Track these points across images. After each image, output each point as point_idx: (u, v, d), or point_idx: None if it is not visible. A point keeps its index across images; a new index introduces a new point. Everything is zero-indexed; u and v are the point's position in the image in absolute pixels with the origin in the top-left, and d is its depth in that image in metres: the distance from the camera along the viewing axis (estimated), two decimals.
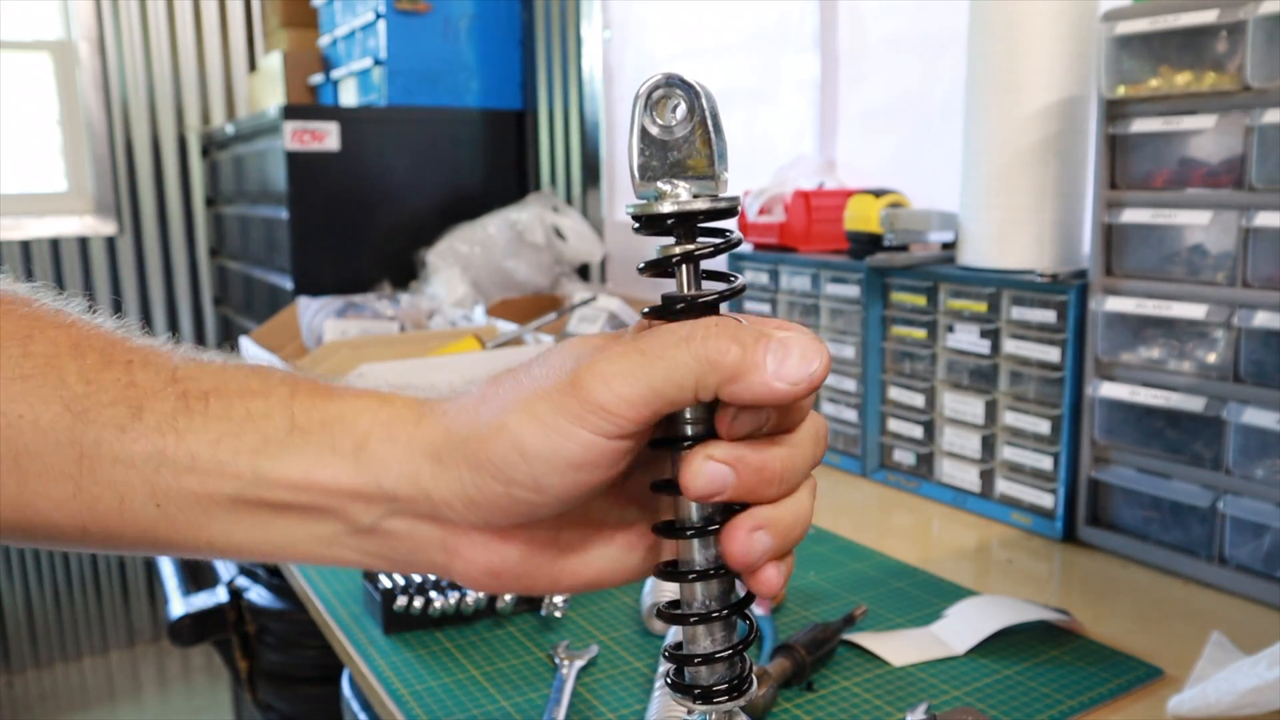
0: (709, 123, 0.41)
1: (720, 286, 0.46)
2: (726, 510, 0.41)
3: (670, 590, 0.88)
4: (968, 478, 1.19)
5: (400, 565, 0.43)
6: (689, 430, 0.40)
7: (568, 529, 0.43)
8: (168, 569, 1.68)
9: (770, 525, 0.39)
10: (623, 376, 0.36)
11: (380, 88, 2.41)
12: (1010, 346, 1.12)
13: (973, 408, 1.17)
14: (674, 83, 0.41)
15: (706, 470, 0.38)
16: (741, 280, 0.46)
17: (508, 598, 0.89)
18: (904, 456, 1.28)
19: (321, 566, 0.37)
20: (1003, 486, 1.15)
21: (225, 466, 0.40)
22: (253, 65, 3.20)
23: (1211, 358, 0.95)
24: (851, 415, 1.34)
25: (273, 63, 2.77)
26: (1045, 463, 1.10)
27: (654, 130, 0.42)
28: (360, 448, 0.40)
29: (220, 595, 1.55)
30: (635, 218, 0.43)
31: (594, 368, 0.37)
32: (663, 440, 0.41)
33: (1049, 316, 1.07)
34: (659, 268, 0.44)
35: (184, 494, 0.40)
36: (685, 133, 0.42)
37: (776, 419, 0.38)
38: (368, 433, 0.41)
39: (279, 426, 0.41)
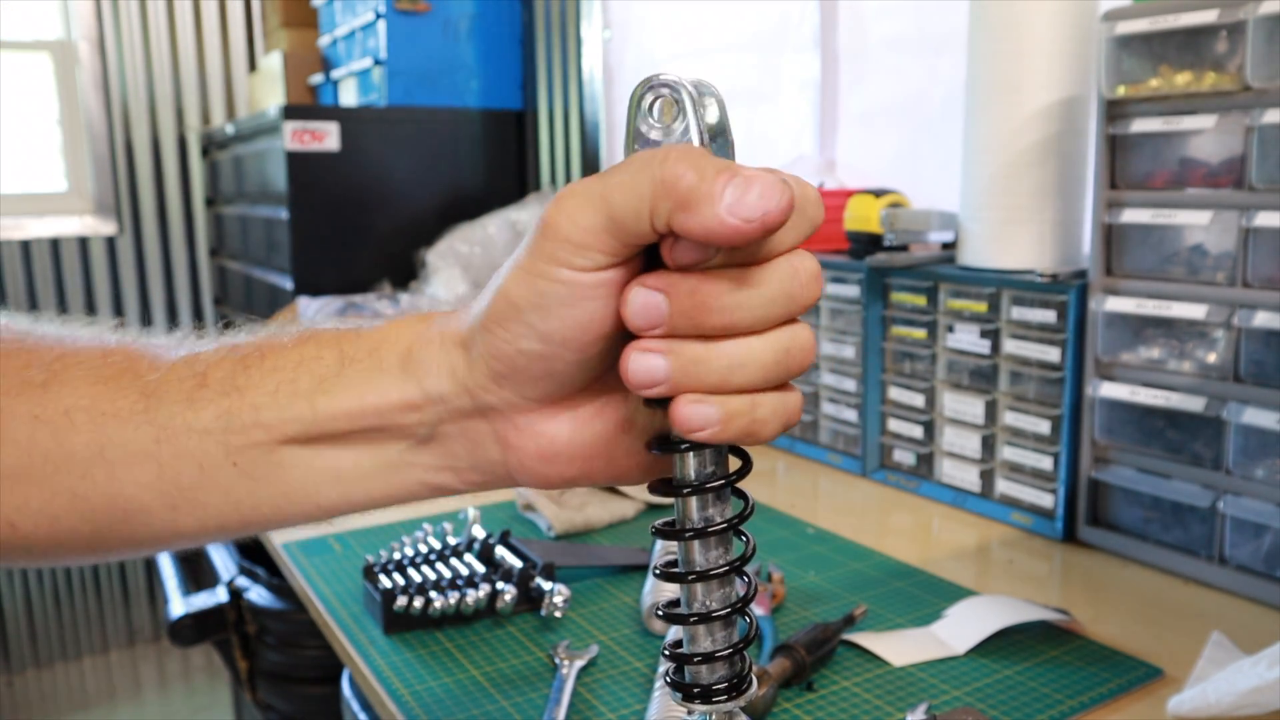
0: (708, 124, 0.41)
1: None
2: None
3: (670, 590, 0.88)
4: (968, 478, 1.19)
5: (465, 475, 0.44)
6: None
7: (611, 408, 0.42)
8: (168, 569, 1.68)
9: (698, 362, 0.36)
10: (582, 206, 0.36)
11: (380, 88, 2.41)
12: (1010, 346, 1.12)
13: (973, 408, 1.17)
14: (674, 83, 0.41)
15: (637, 298, 0.36)
16: None
17: (508, 598, 0.89)
18: (904, 456, 1.28)
19: (409, 503, 0.39)
20: (1003, 486, 1.15)
21: (286, 411, 0.42)
22: (253, 65, 3.20)
23: (1211, 358, 0.95)
24: (851, 415, 1.34)
25: (273, 63, 2.77)
26: (1045, 463, 1.10)
27: (653, 131, 0.42)
28: (405, 361, 0.42)
29: (220, 595, 1.55)
30: None
31: (559, 203, 0.37)
32: (662, 442, 0.41)
33: (1049, 316, 1.07)
34: None
35: (256, 447, 0.42)
36: (680, 135, 0.42)
37: (726, 255, 0.36)
38: (410, 345, 0.42)
39: (330, 364, 0.43)
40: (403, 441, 0.43)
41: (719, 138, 0.40)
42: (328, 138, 2.26)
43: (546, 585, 0.90)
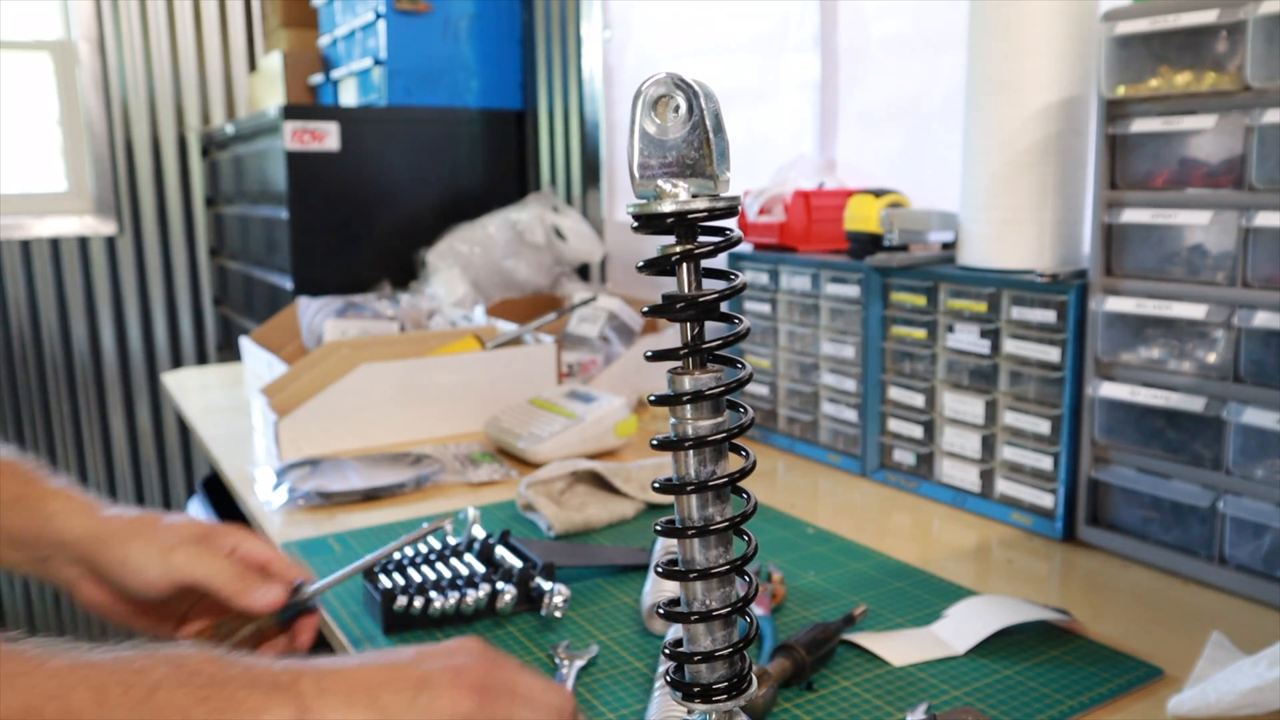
0: (709, 123, 0.41)
1: (720, 285, 0.46)
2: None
3: (670, 589, 0.88)
4: (968, 478, 1.19)
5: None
6: None
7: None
8: None
9: None
10: None
11: (380, 88, 2.41)
12: (1010, 346, 1.12)
13: (973, 408, 1.17)
14: (674, 83, 0.41)
15: None
16: (741, 279, 0.46)
17: (508, 598, 0.89)
18: (904, 456, 1.28)
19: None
20: (1003, 486, 1.15)
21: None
22: (253, 65, 3.20)
23: (1211, 358, 0.95)
24: (851, 415, 1.34)
25: (273, 63, 2.78)
26: (1045, 463, 1.10)
27: (654, 130, 0.42)
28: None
29: None
30: (635, 217, 0.43)
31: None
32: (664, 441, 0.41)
33: (1049, 316, 1.07)
34: (659, 266, 0.44)
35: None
36: (685, 132, 0.42)
37: None
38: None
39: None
40: None
41: (720, 134, 0.40)
42: (328, 138, 2.26)
43: (546, 585, 0.90)
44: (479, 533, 1.01)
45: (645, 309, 0.44)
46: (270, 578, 0.79)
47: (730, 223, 0.46)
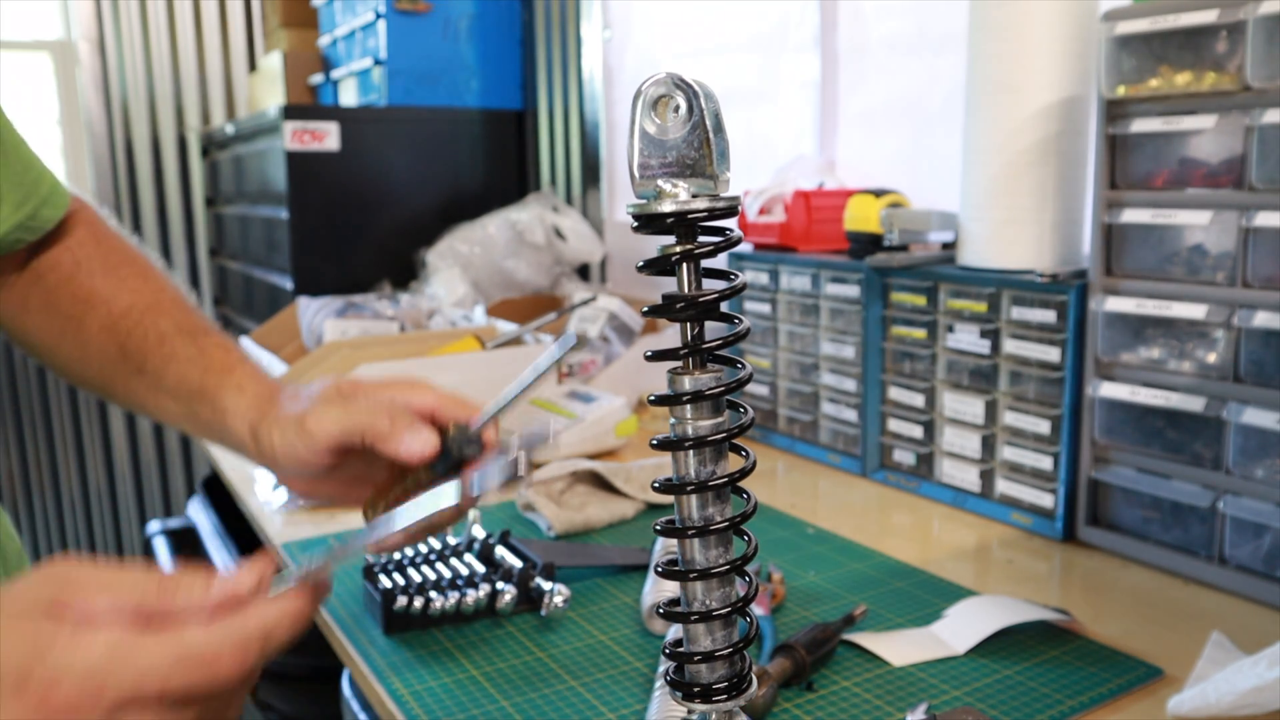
0: (708, 123, 0.41)
1: (720, 285, 0.46)
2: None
3: (670, 589, 0.88)
4: (968, 478, 1.19)
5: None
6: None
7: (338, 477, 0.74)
8: (166, 567, 1.68)
9: None
10: None
11: (380, 88, 2.41)
12: (1010, 346, 1.12)
13: (973, 408, 1.17)
14: (674, 83, 0.41)
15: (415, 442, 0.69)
16: (741, 279, 0.46)
17: (508, 598, 0.89)
18: (904, 456, 1.28)
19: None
20: (1003, 486, 1.15)
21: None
22: (253, 65, 3.20)
23: (1211, 358, 0.95)
24: (851, 415, 1.34)
25: (273, 63, 2.77)
26: (1045, 463, 1.10)
27: (654, 130, 0.42)
28: (254, 431, 0.73)
29: None
30: (635, 217, 0.43)
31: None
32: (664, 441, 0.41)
33: (1049, 316, 1.07)
34: (659, 266, 0.44)
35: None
36: (685, 132, 0.42)
37: None
38: (254, 425, 0.75)
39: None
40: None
41: (720, 134, 0.40)
42: (328, 138, 2.26)
43: (546, 585, 0.89)
44: (479, 533, 1.01)
45: (645, 309, 0.44)
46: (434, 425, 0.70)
47: (730, 223, 0.46)
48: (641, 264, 0.45)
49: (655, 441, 0.45)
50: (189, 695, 0.42)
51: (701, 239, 0.44)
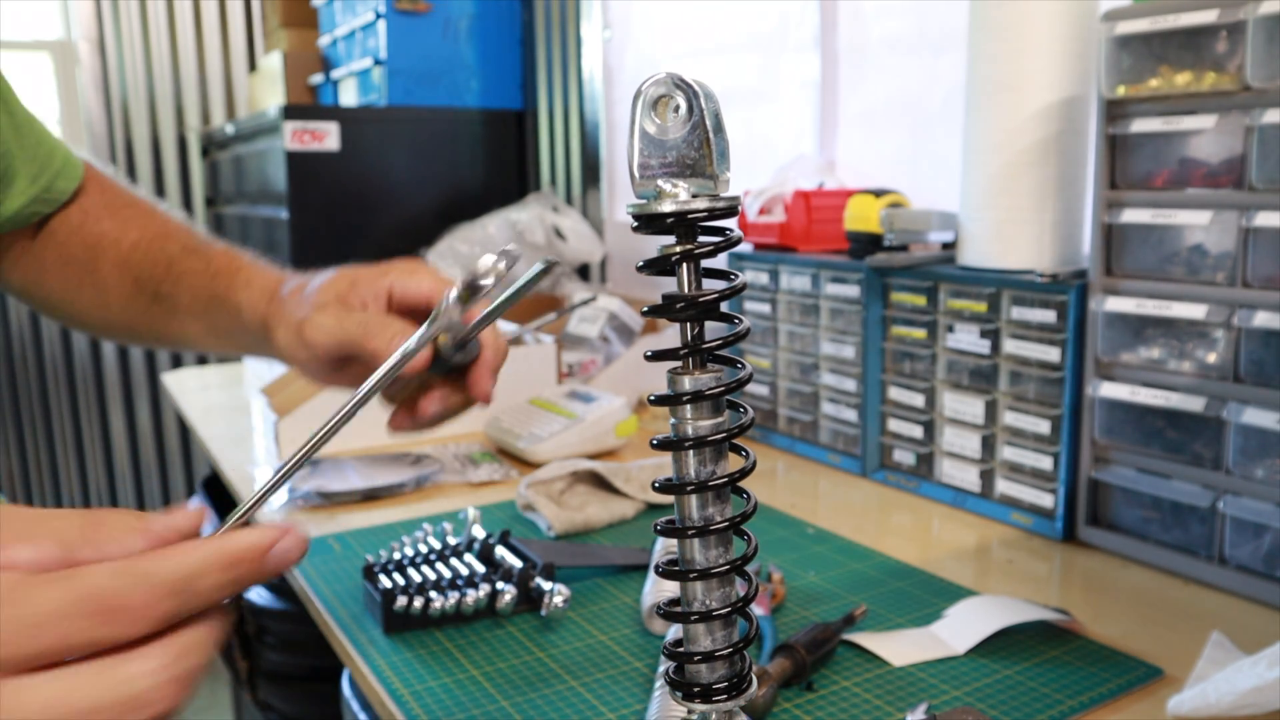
0: (708, 123, 0.41)
1: (720, 285, 0.46)
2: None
3: (670, 589, 0.88)
4: (968, 478, 1.19)
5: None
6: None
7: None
8: None
9: None
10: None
11: (380, 88, 2.41)
12: (1010, 346, 1.12)
13: (973, 408, 1.17)
14: (674, 83, 0.41)
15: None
16: (741, 279, 0.46)
17: (508, 598, 0.89)
18: (904, 456, 1.28)
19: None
20: (1003, 486, 1.15)
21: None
22: (253, 65, 3.20)
23: (1211, 358, 0.95)
24: (851, 415, 1.34)
25: (273, 63, 2.77)
26: (1045, 463, 1.10)
27: (654, 130, 0.42)
28: (264, 325, 0.78)
29: None
30: (635, 217, 0.43)
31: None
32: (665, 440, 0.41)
33: (1049, 316, 1.07)
34: (659, 266, 0.44)
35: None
36: (685, 132, 0.42)
37: None
38: (265, 318, 0.78)
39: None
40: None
41: (720, 134, 0.40)
42: (328, 138, 2.26)
43: (546, 585, 0.90)
44: (479, 533, 1.01)
45: (645, 309, 0.44)
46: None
47: (730, 223, 0.46)
48: (641, 264, 0.45)
49: (655, 441, 0.45)
50: (93, 647, 0.34)
51: (701, 239, 0.44)
